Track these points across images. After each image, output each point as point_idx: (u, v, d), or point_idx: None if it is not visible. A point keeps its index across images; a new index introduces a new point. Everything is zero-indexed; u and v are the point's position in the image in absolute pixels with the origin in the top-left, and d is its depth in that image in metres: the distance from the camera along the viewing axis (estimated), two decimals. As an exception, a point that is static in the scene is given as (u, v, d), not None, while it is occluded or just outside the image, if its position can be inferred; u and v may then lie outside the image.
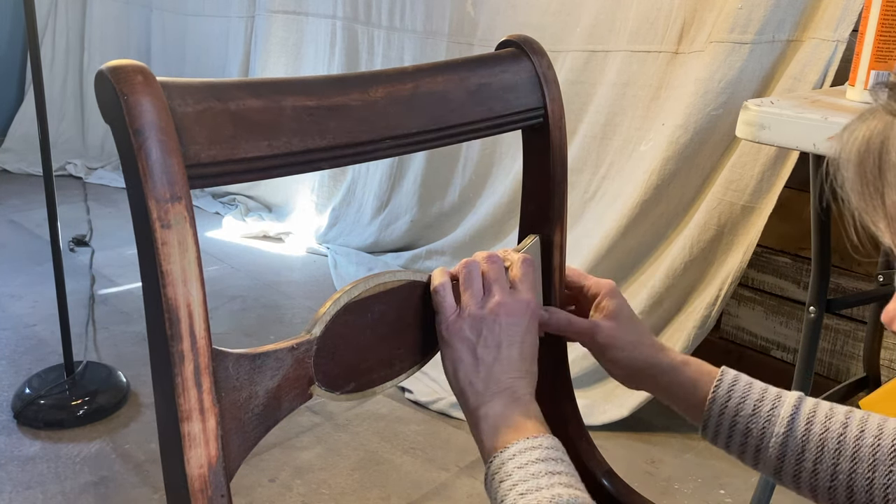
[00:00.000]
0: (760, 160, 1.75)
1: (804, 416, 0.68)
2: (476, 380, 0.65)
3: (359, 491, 1.67)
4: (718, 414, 0.71)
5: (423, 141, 0.67)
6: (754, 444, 0.70)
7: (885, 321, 0.51)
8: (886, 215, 0.45)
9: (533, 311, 0.69)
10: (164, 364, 0.52)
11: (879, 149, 0.45)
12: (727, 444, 0.71)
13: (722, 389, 0.71)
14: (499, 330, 0.66)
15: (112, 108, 0.50)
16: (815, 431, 0.67)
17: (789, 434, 0.68)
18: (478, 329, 0.66)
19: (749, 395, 0.70)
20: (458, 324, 0.67)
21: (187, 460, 0.53)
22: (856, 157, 0.46)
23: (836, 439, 0.66)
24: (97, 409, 1.87)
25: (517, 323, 0.67)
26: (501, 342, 0.66)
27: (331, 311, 0.62)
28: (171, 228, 0.50)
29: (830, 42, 1.65)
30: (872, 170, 0.45)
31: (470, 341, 0.66)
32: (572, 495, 0.56)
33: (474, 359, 0.66)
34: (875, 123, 0.46)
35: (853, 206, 0.47)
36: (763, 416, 0.69)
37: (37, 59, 1.75)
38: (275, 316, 2.43)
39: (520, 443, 0.61)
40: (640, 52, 1.98)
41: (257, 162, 0.56)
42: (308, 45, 3.02)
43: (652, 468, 1.75)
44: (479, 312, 0.67)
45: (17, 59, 3.90)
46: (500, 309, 0.67)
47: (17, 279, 2.58)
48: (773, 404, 0.70)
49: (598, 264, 2.00)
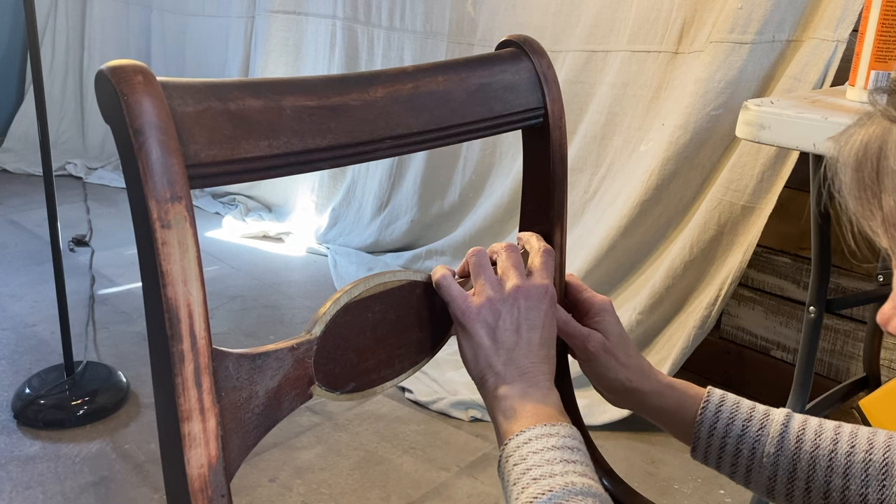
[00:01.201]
0: (760, 160, 1.75)
1: (793, 434, 0.68)
2: (496, 362, 0.64)
3: (359, 491, 1.67)
4: (707, 436, 0.71)
5: (423, 141, 0.67)
6: (745, 464, 0.70)
7: (881, 322, 0.51)
8: (884, 220, 0.45)
9: (552, 297, 0.68)
10: (164, 364, 0.52)
11: (877, 154, 0.45)
12: (718, 465, 0.72)
13: (709, 411, 0.71)
14: (518, 313, 0.65)
15: (112, 108, 0.50)
16: (806, 449, 0.67)
17: (779, 453, 0.68)
18: (496, 312, 0.65)
19: (737, 416, 0.70)
20: (475, 308, 0.66)
21: (187, 460, 0.52)
22: (853, 161, 0.46)
23: (826, 456, 0.66)
24: (97, 409, 1.87)
25: (536, 307, 0.66)
26: (521, 325, 0.65)
27: (331, 311, 0.62)
28: (171, 228, 0.50)
29: (830, 42, 1.65)
30: (870, 174, 0.45)
31: (489, 324, 0.65)
32: (586, 485, 0.56)
33: (494, 342, 0.65)
34: (873, 128, 0.46)
35: (850, 210, 0.47)
36: (752, 435, 0.69)
37: (37, 58, 1.75)
38: (275, 316, 2.43)
39: (537, 428, 0.60)
40: (640, 52, 1.98)
41: (257, 162, 0.56)
42: (308, 45, 3.02)
43: (652, 468, 1.75)
44: (497, 296, 0.66)
45: (17, 59, 3.90)
46: (518, 293, 0.66)
47: (17, 279, 2.58)
48: (761, 423, 0.70)
49: (598, 264, 2.00)
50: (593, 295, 0.77)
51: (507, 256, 0.69)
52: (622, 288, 2.04)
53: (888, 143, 0.44)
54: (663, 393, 0.73)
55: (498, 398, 0.64)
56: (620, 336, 0.75)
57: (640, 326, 1.92)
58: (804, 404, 1.46)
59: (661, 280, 1.89)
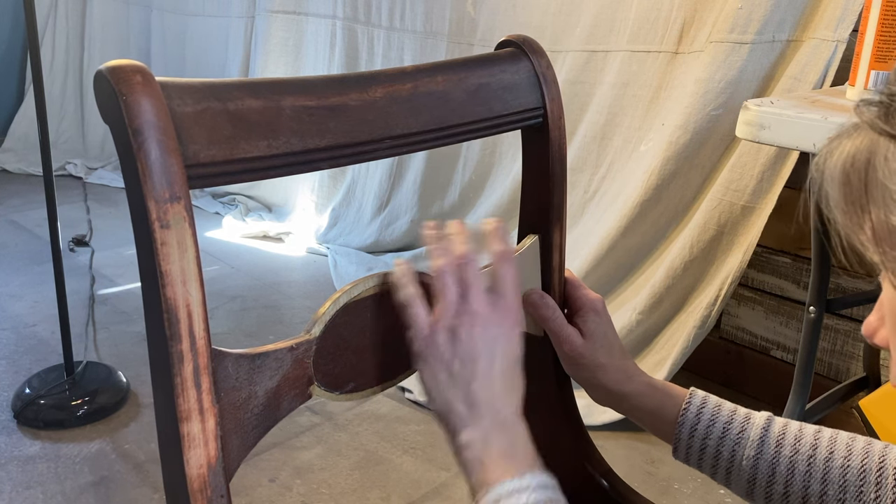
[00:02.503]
0: (760, 160, 1.75)
1: (773, 437, 0.68)
2: (455, 400, 0.59)
3: (359, 491, 1.67)
4: (688, 436, 0.71)
5: (423, 141, 0.67)
6: (725, 466, 0.70)
7: (867, 334, 0.50)
8: (874, 234, 0.44)
9: (514, 317, 0.63)
10: (164, 364, 0.52)
11: (865, 166, 0.43)
12: (699, 466, 0.72)
13: (691, 413, 0.71)
14: (474, 343, 0.60)
15: (111, 108, 0.50)
16: (785, 454, 0.67)
17: (759, 457, 0.68)
18: (452, 342, 0.60)
19: (718, 418, 0.71)
20: (431, 338, 0.61)
21: (186, 460, 0.52)
22: (840, 174, 0.45)
23: (805, 461, 0.67)
24: (97, 409, 1.87)
25: (495, 334, 0.61)
26: (478, 356, 0.60)
27: (330, 311, 0.62)
28: (170, 229, 0.50)
29: (830, 42, 1.65)
30: (858, 187, 0.44)
31: (444, 357, 0.60)
32: None
33: (450, 377, 0.60)
34: (860, 140, 0.44)
35: (839, 224, 0.46)
36: (732, 438, 0.69)
37: (37, 58, 1.75)
38: (274, 316, 2.43)
39: (506, 483, 0.55)
40: (640, 52, 1.98)
41: (256, 162, 0.56)
42: (308, 45, 3.02)
43: (652, 468, 1.74)
44: (452, 323, 0.61)
45: (17, 59, 3.90)
46: (475, 319, 0.61)
47: (17, 279, 2.58)
48: (742, 426, 0.70)
49: (598, 264, 2.00)
50: (586, 293, 0.77)
51: (463, 271, 0.62)
52: (622, 288, 2.04)
53: (877, 156, 0.43)
54: (645, 393, 0.74)
55: (462, 447, 0.59)
56: (605, 336, 0.74)
57: (640, 326, 1.92)
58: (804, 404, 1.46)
59: (661, 280, 1.89)
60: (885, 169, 0.42)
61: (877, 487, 0.63)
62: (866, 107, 0.45)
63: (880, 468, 0.64)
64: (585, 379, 0.75)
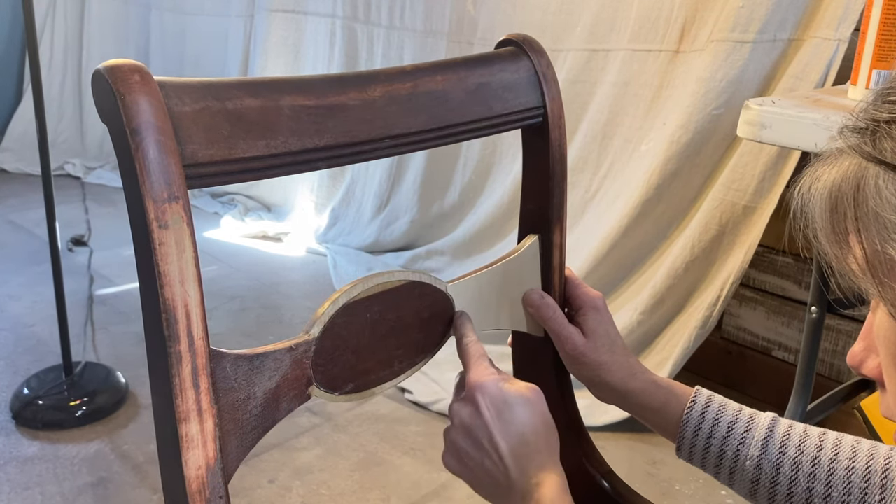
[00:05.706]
0: (762, 160, 1.75)
1: (778, 438, 0.68)
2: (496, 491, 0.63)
3: (358, 492, 1.66)
4: (692, 435, 0.71)
5: (423, 140, 0.66)
6: (728, 465, 0.70)
7: (852, 365, 0.48)
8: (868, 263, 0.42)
9: (526, 400, 0.65)
10: (162, 365, 0.51)
11: (854, 193, 0.41)
12: (702, 465, 0.72)
13: (695, 411, 0.71)
14: (494, 434, 0.63)
15: (109, 107, 0.49)
16: (790, 455, 0.67)
17: (763, 457, 0.68)
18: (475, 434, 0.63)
19: (723, 417, 0.70)
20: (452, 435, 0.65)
21: (185, 461, 0.52)
22: (827, 202, 0.43)
23: (810, 462, 0.66)
24: (96, 410, 1.87)
25: (512, 418, 0.63)
26: (499, 442, 0.62)
27: (329, 311, 0.62)
28: (168, 228, 0.49)
29: (832, 41, 1.65)
30: (846, 214, 0.42)
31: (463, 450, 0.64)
32: None
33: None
34: (846, 166, 0.42)
35: (827, 253, 0.44)
36: (737, 438, 0.69)
37: (35, 58, 1.74)
38: (274, 316, 2.42)
39: None
40: (641, 52, 1.97)
41: (255, 162, 0.55)
42: (307, 44, 3.02)
43: (653, 469, 1.74)
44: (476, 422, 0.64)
45: (15, 59, 3.90)
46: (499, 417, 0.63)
47: (16, 279, 2.58)
48: (746, 426, 0.70)
49: (599, 264, 1.99)
50: (586, 291, 0.77)
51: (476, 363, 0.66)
52: (623, 288, 2.04)
53: (866, 182, 0.41)
54: (649, 391, 0.73)
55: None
56: (606, 334, 0.74)
57: (642, 327, 1.91)
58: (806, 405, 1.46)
59: (662, 280, 1.88)
60: (876, 197, 0.40)
61: (881, 490, 0.63)
62: (850, 132, 0.43)
63: (885, 470, 0.64)
64: (588, 377, 0.75)
